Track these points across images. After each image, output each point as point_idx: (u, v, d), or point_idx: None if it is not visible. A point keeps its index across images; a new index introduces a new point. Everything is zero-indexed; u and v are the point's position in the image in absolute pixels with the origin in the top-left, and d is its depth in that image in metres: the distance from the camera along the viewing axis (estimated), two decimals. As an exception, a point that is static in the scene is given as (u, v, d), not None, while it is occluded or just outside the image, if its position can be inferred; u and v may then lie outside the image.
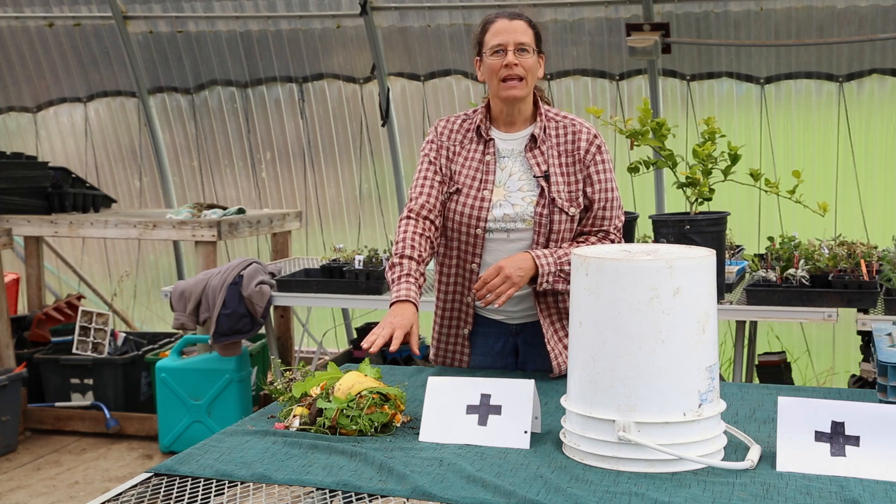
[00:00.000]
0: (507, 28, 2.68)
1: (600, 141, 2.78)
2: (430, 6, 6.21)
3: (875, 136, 5.86)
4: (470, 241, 2.75)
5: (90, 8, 6.87)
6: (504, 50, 2.66)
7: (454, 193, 2.74)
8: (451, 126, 2.82)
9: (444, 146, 2.80)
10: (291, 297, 5.10)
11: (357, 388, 2.30)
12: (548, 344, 2.75)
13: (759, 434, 2.19)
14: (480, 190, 2.72)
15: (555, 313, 2.78)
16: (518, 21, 2.70)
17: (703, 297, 1.99)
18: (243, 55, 6.77)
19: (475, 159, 2.76)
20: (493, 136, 2.78)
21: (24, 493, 4.89)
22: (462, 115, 2.85)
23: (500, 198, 2.72)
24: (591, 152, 2.75)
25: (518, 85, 2.68)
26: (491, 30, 2.70)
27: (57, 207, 6.21)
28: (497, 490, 1.88)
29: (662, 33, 5.61)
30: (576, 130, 2.75)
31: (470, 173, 2.74)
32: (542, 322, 2.77)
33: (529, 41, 2.68)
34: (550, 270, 2.63)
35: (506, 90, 2.69)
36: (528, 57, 2.67)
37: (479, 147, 2.77)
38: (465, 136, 2.79)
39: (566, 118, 2.78)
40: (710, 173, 4.03)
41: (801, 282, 4.16)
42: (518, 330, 2.84)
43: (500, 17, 2.71)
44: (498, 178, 2.74)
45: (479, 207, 2.71)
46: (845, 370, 5.90)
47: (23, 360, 5.85)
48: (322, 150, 6.91)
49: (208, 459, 2.13)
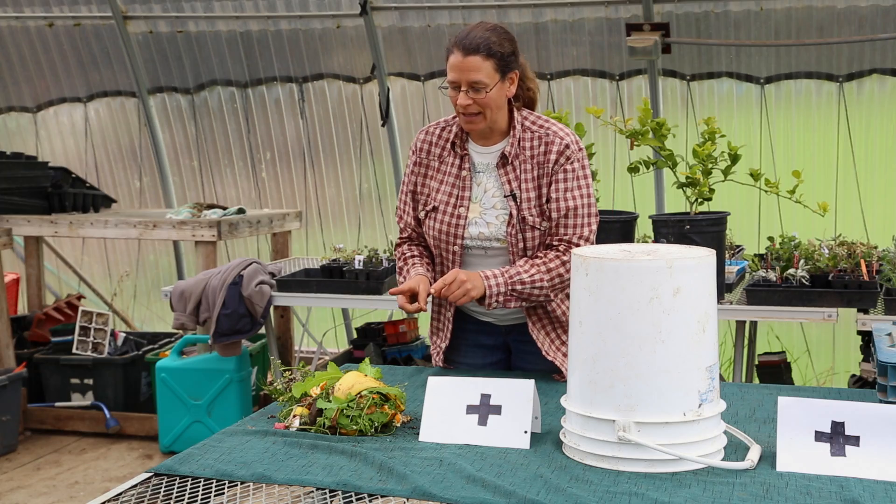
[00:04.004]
0: (460, 66, 2.58)
1: (573, 150, 2.68)
2: (430, 6, 6.21)
3: (875, 136, 5.86)
4: (448, 258, 2.77)
5: (90, 8, 6.87)
6: (458, 87, 2.61)
7: (431, 211, 2.76)
8: (430, 139, 2.81)
9: (423, 162, 2.81)
10: (291, 297, 5.10)
11: (357, 388, 2.30)
12: (547, 355, 2.77)
13: (759, 434, 2.19)
14: (457, 207, 2.72)
15: (547, 323, 2.78)
16: (472, 57, 2.58)
17: (703, 297, 1.99)
18: (243, 55, 6.77)
19: (452, 174, 2.75)
20: (469, 150, 2.76)
21: (24, 493, 4.89)
22: (442, 122, 2.82)
23: (475, 215, 2.72)
24: (559, 162, 2.67)
25: (475, 119, 2.64)
26: (448, 61, 2.62)
27: (57, 207, 6.21)
28: (497, 490, 1.88)
29: (662, 33, 5.61)
30: (549, 141, 2.68)
31: (447, 189, 2.75)
32: (533, 331, 2.77)
33: (485, 77, 2.58)
34: (500, 291, 2.61)
35: (464, 123, 2.68)
36: (482, 94, 2.59)
37: (457, 161, 2.75)
38: (444, 148, 2.78)
39: (543, 127, 2.71)
40: (710, 173, 4.03)
41: (801, 282, 4.16)
42: (507, 330, 2.87)
43: (456, 48, 2.60)
44: (474, 193, 2.73)
45: (455, 225, 2.73)
46: (845, 370, 5.90)
47: (23, 360, 5.85)
48: (322, 150, 6.91)
49: (208, 459, 2.13)
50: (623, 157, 6.03)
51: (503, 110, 2.70)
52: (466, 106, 2.61)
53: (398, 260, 2.87)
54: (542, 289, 2.64)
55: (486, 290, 2.60)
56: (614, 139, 6.05)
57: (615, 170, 6.12)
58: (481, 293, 2.60)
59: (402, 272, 2.82)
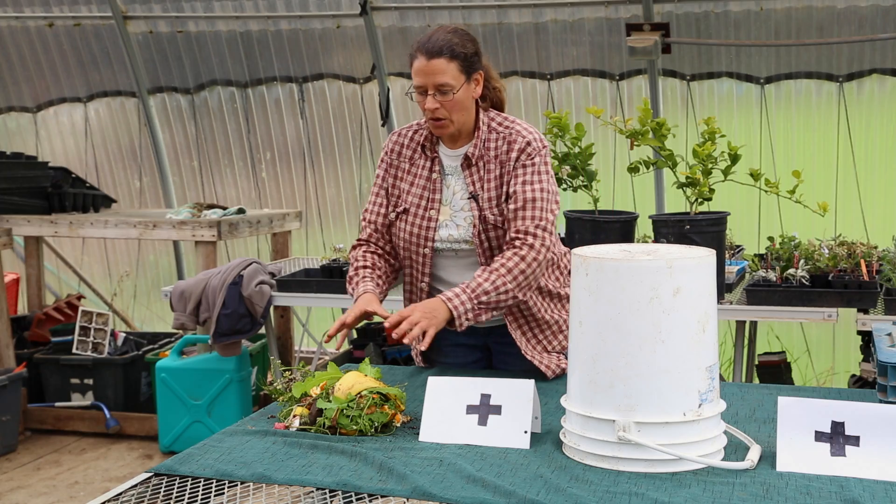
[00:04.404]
0: (426, 69, 2.58)
1: (535, 147, 2.66)
2: (430, 6, 6.21)
3: (875, 136, 5.86)
4: (418, 260, 2.77)
5: (90, 8, 6.87)
6: (425, 92, 2.60)
7: (402, 213, 2.76)
8: (402, 141, 2.80)
9: (395, 164, 2.80)
10: (291, 297, 5.10)
11: (357, 388, 2.30)
12: (527, 355, 2.76)
13: (759, 434, 2.19)
14: (427, 210, 2.72)
15: (524, 323, 2.78)
16: (437, 60, 2.58)
17: (703, 297, 1.99)
18: (243, 55, 6.77)
19: (423, 177, 2.75)
20: (439, 152, 2.75)
21: (24, 493, 4.89)
22: (415, 125, 2.81)
23: (446, 217, 2.72)
24: (520, 159, 2.65)
25: (443, 123, 2.64)
26: (413, 67, 2.62)
27: (57, 207, 6.21)
28: (497, 490, 1.88)
29: (662, 33, 5.61)
30: (511, 140, 2.67)
31: (417, 192, 2.74)
32: (513, 332, 2.76)
33: (450, 80, 2.58)
34: (467, 308, 2.56)
35: (433, 127, 2.68)
36: (449, 96, 2.59)
37: (427, 164, 2.75)
38: (416, 150, 2.78)
39: (508, 128, 2.70)
40: (710, 173, 4.03)
41: (801, 282, 4.16)
42: (487, 332, 2.86)
43: (420, 52, 2.60)
44: (444, 196, 2.73)
45: (425, 227, 2.72)
46: (845, 370, 5.90)
47: (23, 360, 5.85)
48: (322, 150, 6.91)
49: (208, 459, 2.13)
50: (623, 157, 6.03)
51: (471, 112, 2.69)
52: (435, 109, 2.60)
53: (351, 266, 2.81)
54: (507, 293, 2.60)
55: (451, 312, 2.55)
56: (614, 139, 6.05)
57: (615, 170, 6.12)
58: (447, 316, 2.55)
59: (352, 282, 2.76)
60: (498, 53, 6.25)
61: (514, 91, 6.33)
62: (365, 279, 2.73)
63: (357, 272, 2.77)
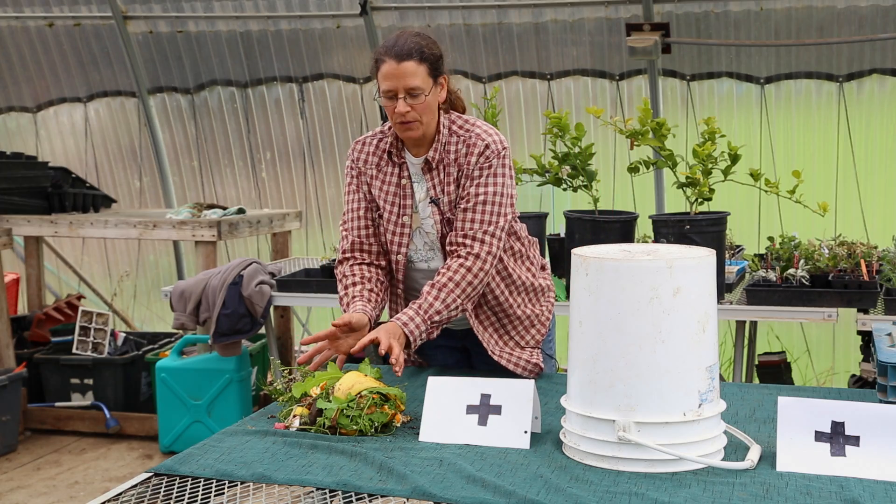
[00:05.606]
0: (395, 73, 2.54)
1: (493, 150, 2.62)
2: (430, 6, 6.21)
3: (875, 136, 5.86)
4: (392, 267, 2.76)
5: (90, 8, 6.87)
6: (395, 96, 2.57)
7: (378, 219, 2.74)
8: (367, 149, 2.76)
9: (363, 171, 2.76)
10: (291, 297, 5.10)
11: (357, 388, 2.30)
12: (494, 356, 2.74)
13: (759, 434, 2.19)
14: (400, 216, 2.71)
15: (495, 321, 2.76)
16: (407, 63, 2.55)
17: (703, 297, 1.99)
18: (243, 55, 6.77)
19: (392, 183, 2.72)
20: (405, 158, 2.72)
21: (24, 493, 4.89)
22: (378, 132, 2.78)
23: (417, 224, 2.71)
24: (478, 163, 2.62)
25: (413, 125, 2.60)
26: (381, 71, 2.58)
27: (57, 207, 6.21)
28: (497, 490, 1.88)
29: (662, 33, 5.61)
30: (471, 143, 2.64)
31: (389, 198, 2.72)
32: (481, 335, 2.74)
33: (420, 83, 2.55)
34: (421, 331, 2.55)
35: (403, 132, 2.63)
36: (420, 99, 2.57)
37: (395, 170, 2.72)
38: (382, 158, 2.74)
39: (468, 130, 2.67)
40: (710, 173, 4.03)
41: (801, 282, 4.16)
42: (463, 335, 2.85)
43: (388, 56, 2.56)
44: (415, 202, 2.71)
45: (400, 234, 2.72)
46: (845, 370, 5.90)
47: (23, 360, 5.85)
48: (322, 150, 6.91)
49: (208, 459, 2.13)
50: (623, 157, 6.03)
51: (436, 116, 2.67)
52: (405, 113, 2.57)
53: (339, 284, 2.75)
54: (458, 308, 2.59)
55: (407, 336, 2.53)
56: (614, 139, 6.05)
57: (615, 170, 6.12)
58: (403, 339, 2.53)
59: (342, 303, 2.71)
60: (498, 53, 6.25)
61: (514, 91, 6.34)
62: (355, 299, 2.66)
63: (347, 291, 2.70)
